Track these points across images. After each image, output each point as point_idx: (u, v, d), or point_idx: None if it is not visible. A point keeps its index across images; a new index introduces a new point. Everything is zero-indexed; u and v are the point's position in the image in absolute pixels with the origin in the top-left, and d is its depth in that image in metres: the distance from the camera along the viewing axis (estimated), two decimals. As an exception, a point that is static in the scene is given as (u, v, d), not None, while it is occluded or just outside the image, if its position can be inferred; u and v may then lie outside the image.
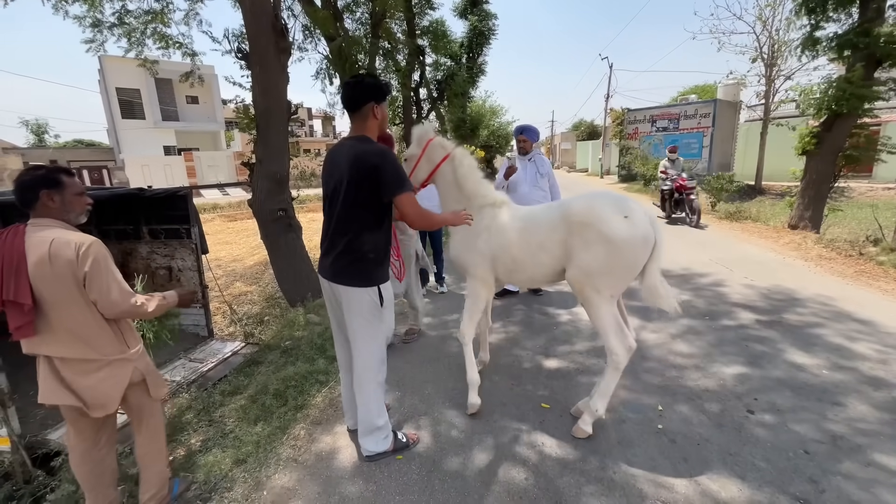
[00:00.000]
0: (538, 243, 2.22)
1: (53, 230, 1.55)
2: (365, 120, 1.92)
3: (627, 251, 2.01)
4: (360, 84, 1.93)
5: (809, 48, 7.34)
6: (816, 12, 7.12)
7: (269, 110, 4.55)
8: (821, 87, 7.30)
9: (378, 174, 1.80)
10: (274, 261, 5.23)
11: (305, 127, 47.97)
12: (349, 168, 1.83)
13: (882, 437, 2.09)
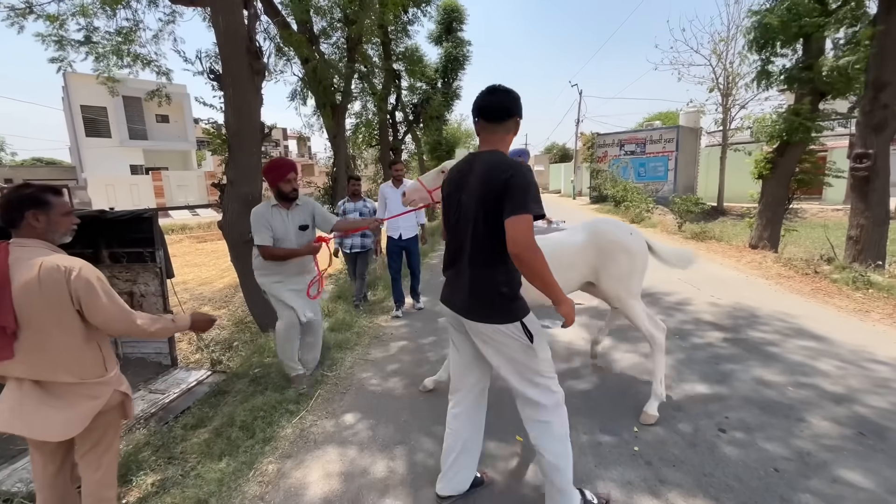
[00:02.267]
0: (568, 264, 2.59)
1: (39, 251, 1.50)
2: (506, 134, 1.72)
3: (641, 257, 2.59)
4: (511, 93, 1.71)
5: (763, 81, 7.89)
6: (766, 49, 7.69)
7: (242, 131, 4.48)
8: (772, 116, 7.82)
9: (506, 190, 1.56)
10: (244, 284, 5.06)
11: (280, 147, 47.59)
12: (486, 187, 1.60)
13: (845, 453, 2.16)
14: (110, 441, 1.69)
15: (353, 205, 5.17)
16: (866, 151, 5.23)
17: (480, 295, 1.69)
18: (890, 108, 5.11)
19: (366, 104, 11.70)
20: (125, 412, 1.71)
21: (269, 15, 6.67)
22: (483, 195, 1.61)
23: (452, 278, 1.81)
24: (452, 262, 1.79)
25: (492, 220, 1.59)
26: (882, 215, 5.43)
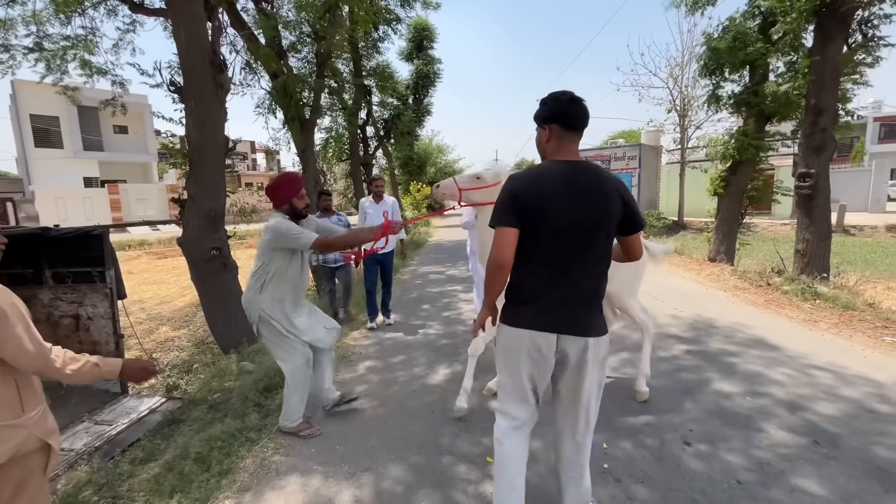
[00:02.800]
0: None
1: None
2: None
3: (643, 265, 3.02)
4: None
5: (713, 104, 8.39)
6: (715, 74, 8.20)
7: (204, 146, 4.34)
8: (724, 137, 8.30)
9: (625, 204, 1.58)
10: (206, 303, 4.85)
11: (248, 160, 46.48)
12: (610, 199, 1.56)
13: (801, 461, 2.24)
14: (37, 487, 1.42)
15: (329, 220, 5.09)
16: (808, 171, 5.63)
17: (598, 307, 1.65)
18: (828, 131, 5.54)
19: (336, 119, 11.64)
20: (46, 464, 1.43)
21: (236, 28, 6.57)
22: (607, 208, 1.56)
23: (561, 296, 1.59)
24: (561, 277, 1.58)
25: (610, 232, 1.60)
26: (825, 230, 5.82)
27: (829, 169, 5.70)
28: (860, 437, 2.44)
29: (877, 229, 16.25)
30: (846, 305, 4.86)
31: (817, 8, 5.29)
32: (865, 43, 5.39)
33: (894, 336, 4.03)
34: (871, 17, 5.32)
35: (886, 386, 3.04)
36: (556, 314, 1.59)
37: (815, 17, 5.43)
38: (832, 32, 5.31)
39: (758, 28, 7.44)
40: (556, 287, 1.59)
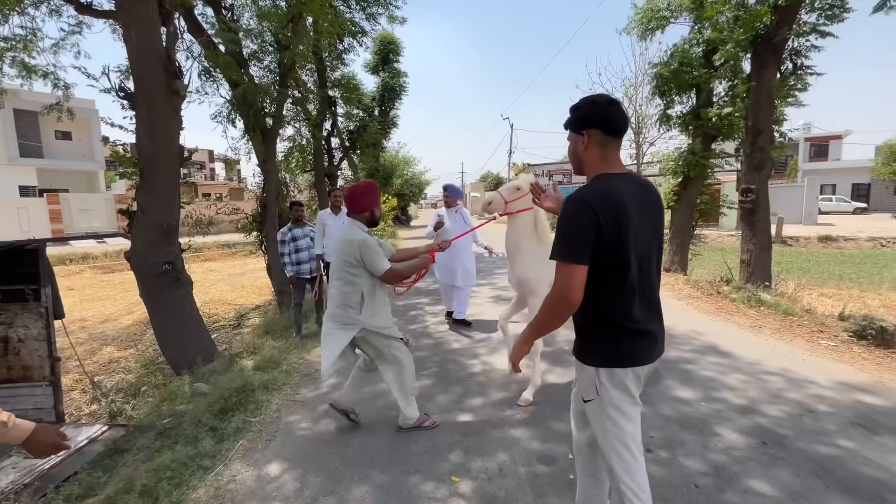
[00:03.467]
0: None
1: None
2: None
3: None
4: None
5: (664, 123, 8.91)
6: (666, 95, 8.74)
7: (157, 155, 4.13)
8: (675, 154, 8.82)
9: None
10: (156, 321, 4.56)
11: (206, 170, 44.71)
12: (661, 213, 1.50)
13: (752, 463, 2.35)
14: None
15: (301, 230, 4.98)
16: (750, 187, 6.06)
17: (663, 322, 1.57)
18: (766, 150, 6.01)
19: (300, 129, 11.43)
20: None
21: (193, 34, 6.34)
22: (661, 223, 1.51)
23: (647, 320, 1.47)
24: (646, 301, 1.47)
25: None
26: (766, 241, 6.27)
27: (767, 185, 6.16)
28: (804, 436, 2.60)
29: (810, 240, 17.67)
30: (786, 311, 5.22)
31: (753, 38, 5.77)
32: (795, 71, 5.94)
33: (829, 340, 4.35)
34: (800, 48, 5.88)
35: (825, 386, 3.27)
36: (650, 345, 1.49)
37: (751, 47, 5.91)
38: (766, 61, 5.81)
39: (702, 54, 8.01)
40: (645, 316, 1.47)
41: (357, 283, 2.56)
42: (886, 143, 28.43)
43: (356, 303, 2.57)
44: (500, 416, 3.00)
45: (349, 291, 2.57)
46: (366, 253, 2.51)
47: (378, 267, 2.53)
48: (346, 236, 2.59)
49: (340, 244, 2.60)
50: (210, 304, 10.01)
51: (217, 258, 20.86)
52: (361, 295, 2.56)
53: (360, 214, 2.67)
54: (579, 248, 1.37)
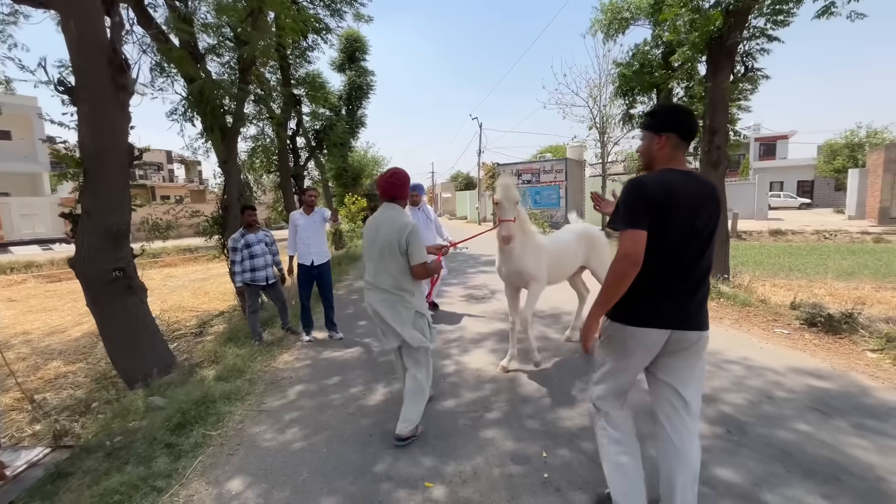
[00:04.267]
0: (573, 252, 3.96)
1: None
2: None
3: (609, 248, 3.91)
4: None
5: (627, 122, 9.17)
6: (628, 95, 9.00)
7: (103, 154, 3.85)
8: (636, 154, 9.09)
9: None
10: (106, 332, 4.26)
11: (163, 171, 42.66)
12: (717, 204, 1.73)
13: (717, 451, 2.42)
14: None
15: (255, 236, 4.74)
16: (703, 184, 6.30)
17: (706, 304, 1.81)
18: (722, 149, 6.27)
19: (263, 128, 11.04)
20: None
21: (143, 26, 5.98)
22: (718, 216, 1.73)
23: (686, 294, 1.72)
24: (685, 278, 1.71)
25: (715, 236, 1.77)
26: (723, 236, 6.54)
27: (724, 182, 6.44)
28: (764, 422, 2.70)
29: (762, 234, 18.69)
30: (744, 302, 5.46)
31: (708, 41, 6.01)
32: (746, 73, 6.24)
33: (783, 328, 4.58)
34: (751, 51, 6.18)
35: (781, 373, 3.42)
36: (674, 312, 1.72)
37: (706, 49, 6.16)
38: (721, 63, 6.07)
39: (661, 56, 8.29)
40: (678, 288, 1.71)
41: (406, 268, 2.56)
42: (827, 142, 30.51)
43: (409, 285, 2.58)
44: (473, 417, 2.96)
45: (401, 274, 2.55)
46: (415, 239, 2.50)
47: (420, 256, 2.52)
48: (398, 220, 2.54)
49: (393, 225, 2.52)
50: (170, 312, 9.51)
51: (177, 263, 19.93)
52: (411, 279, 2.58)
53: (402, 199, 2.68)
54: (637, 216, 1.64)
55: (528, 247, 3.49)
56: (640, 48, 8.42)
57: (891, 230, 18.00)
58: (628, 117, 9.03)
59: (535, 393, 3.26)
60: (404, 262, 2.53)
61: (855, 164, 26.64)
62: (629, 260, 1.63)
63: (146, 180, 37.65)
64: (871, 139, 27.84)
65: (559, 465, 2.37)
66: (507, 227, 3.25)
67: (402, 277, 2.54)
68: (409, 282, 2.57)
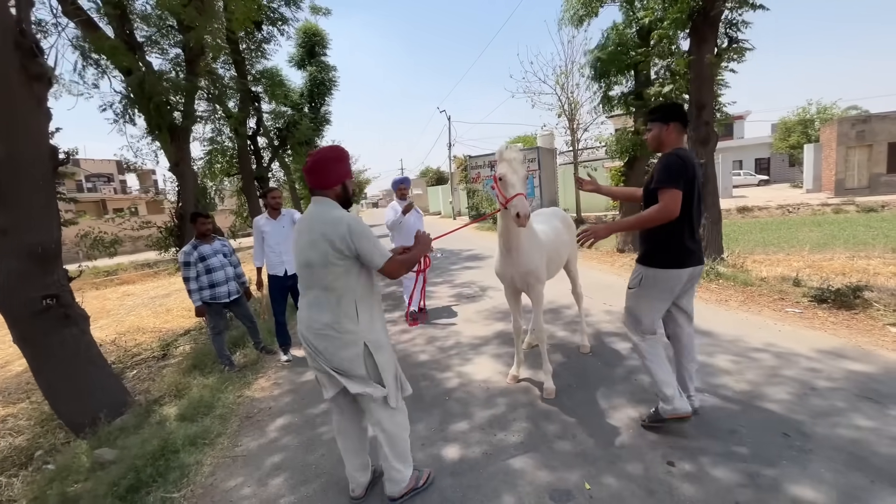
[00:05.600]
0: (565, 241, 3.52)
1: None
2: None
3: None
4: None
5: (606, 105, 8.92)
6: (604, 78, 8.74)
7: (15, 159, 3.16)
8: (618, 136, 8.87)
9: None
10: (40, 371, 3.60)
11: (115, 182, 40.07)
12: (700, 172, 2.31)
13: (784, 463, 2.08)
14: None
15: (211, 247, 4.11)
16: (698, 161, 6.10)
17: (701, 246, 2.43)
18: (710, 124, 6.07)
19: (220, 128, 10.19)
20: None
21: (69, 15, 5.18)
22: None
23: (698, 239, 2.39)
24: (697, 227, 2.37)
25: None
26: (716, 215, 6.38)
27: (713, 159, 6.25)
28: (820, 420, 2.40)
29: (731, 212, 19.13)
30: (745, 282, 5.28)
31: (691, 13, 5.77)
32: (730, 45, 6.05)
33: (793, 306, 4.38)
34: (735, 21, 5.99)
35: (812, 358, 3.17)
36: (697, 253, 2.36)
37: (689, 22, 5.93)
38: (705, 34, 5.84)
39: (636, 35, 8.06)
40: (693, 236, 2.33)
41: (347, 283, 1.85)
42: (781, 120, 31.77)
43: (350, 311, 1.86)
44: (492, 441, 2.53)
45: (338, 295, 1.85)
46: (359, 238, 1.81)
47: (378, 255, 1.86)
48: (324, 219, 1.82)
49: (319, 230, 1.81)
50: (128, 335, 8.63)
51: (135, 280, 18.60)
52: (354, 300, 1.87)
53: (329, 189, 1.91)
54: (678, 179, 2.17)
55: (533, 243, 2.98)
56: (615, 26, 8.15)
57: (847, 201, 18.81)
58: (607, 99, 8.77)
59: (557, 406, 2.87)
60: (343, 272, 1.83)
61: (808, 139, 27.81)
62: (669, 212, 2.17)
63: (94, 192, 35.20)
64: (822, 115, 29.16)
65: (608, 497, 1.98)
66: (523, 202, 2.60)
67: (338, 301, 1.84)
68: (351, 303, 1.86)
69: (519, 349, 3.31)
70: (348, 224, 1.79)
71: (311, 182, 1.91)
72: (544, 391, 2.98)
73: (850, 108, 30.63)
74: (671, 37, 6.61)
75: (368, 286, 1.92)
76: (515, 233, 2.84)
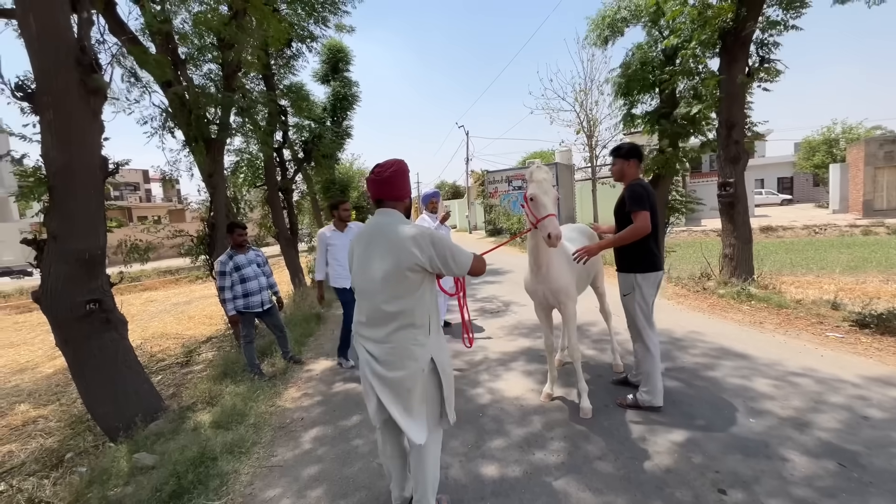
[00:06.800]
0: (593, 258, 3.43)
1: None
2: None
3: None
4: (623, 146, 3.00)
5: (629, 123, 8.92)
6: (628, 96, 8.75)
7: (71, 168, 3.31)
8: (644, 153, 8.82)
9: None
10: (80, 375, 3.68)
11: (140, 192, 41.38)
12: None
13: (843, 494, 2.00)
14: None
15: (245, 257, 4.20)
16: (728, 180, 6.04)
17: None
18: (740, 143, 6.02)
19: (248, 141, 10.49)
20: None
21: (116, 33, 5.45)
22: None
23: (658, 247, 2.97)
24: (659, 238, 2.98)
25: None
26: (747, 235, 6.27)
27: (744, 178, 6.18)
28: (876, 452, 2.30)
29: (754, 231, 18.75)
30: (779, 304, 5.14)
31: (721, 33, 5.78)
32: (762, 64, 6.03)
33: (833, 331, 4.25)
34: (766, 41, 5.98)
35: (860, 386, 3.06)
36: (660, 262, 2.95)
37: (719, 42, 5.93)
38: (736, 54, 5.83)
39: (661, 53, 8.08)
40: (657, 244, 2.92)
41: (420, 294, 1.80)
42: (805, 139, 31.24)
43: (422, 321, 1.81)
44: (531, 460, 2.49)
45: (411, 304, 1.78)
46: (441, 244, 1.77)
47: (464, 256, 1.82)
48: (400, 230, 1.78)
49: (396, 241, 1.76)
50: (151, 341, 8.82)
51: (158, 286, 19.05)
52: (428, 313, 1.82)
53: (400, 202, 1.90)
54: (645, 203, 2.78)
55: (563, 260, 2.99)
56: (639, 46, 8.19)
57: (877, 222, 18.27)
58: (630, 117, 8.76)
59: (594, 425, 2.81)
60: (418, 284, 1.79)
61: (833, 159, 27.25)
62: (644, 228, 2.76)
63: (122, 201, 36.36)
64: (847, 135, 28.59)
65: (658, 526, 1.92)
66: (554, 223, 2.59)
67: (414, 306, 1.80)
68: (423, 313, 1.81)
69: (552, 366, 3.27)
70: (430, 235, 1.78)
71: (384, 193, 1.88)
72: (581, 410, 2.93)
73: (875, 127, 30.00)
74: (699, 56, 6.62)
75: (435, 301, 1.90)
76: (545, 251, 2.84)
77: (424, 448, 1.85)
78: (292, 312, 6.80)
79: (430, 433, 1.84)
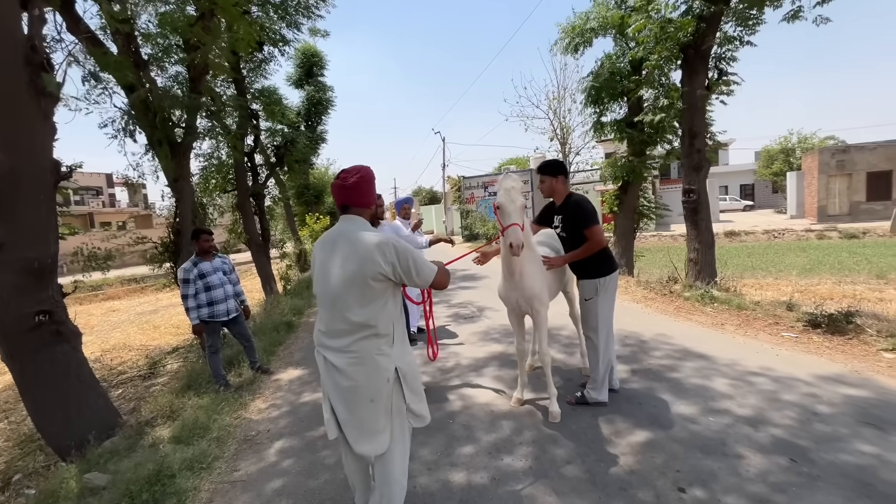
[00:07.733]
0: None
1: None
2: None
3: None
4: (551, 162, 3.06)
5: (598, 131, 9.17)
6: (597, 104, 9.01)
7: (18, 172, 3.14)
8: (613, 161, 9.09)
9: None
10: (28, 390, 3.48)
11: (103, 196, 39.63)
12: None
13: (794, 489, 2.09)
14: None
15: (211, 265, 4.07)
16: (691, 187, 6.29)
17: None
18: (702, 152, 6.28)
19: (217, 145, 10.22)
20: None
21: (74, 31, 5.23)
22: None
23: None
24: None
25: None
26: (710, 239, 6.52)
27: (706, 185, 6.45)
28: (824, 446, 2.42)
29: (718, 236, 19.52)
30: (740, 306, 5.35)
31: (683, 47, 6.04)
32: (720, 78, 6.33)
33: (788, 331, 4.45)
34: (724, 55, 6.28)
35: (812, 383, 3.21)
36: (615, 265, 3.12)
37: (681, 55, 6.19)
38: (696, 66, 6.10)
39: (629, 64, 8.36)
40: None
41: (384, 303, 1.77)
42: (765, 148, 32.89)
43: (386, 330, 1.77)
44: (499, 466, 2.49)
45: (374, 313, 1.74)
46: (406, 257, 1.75)
47: (428, 268, 1.81)
48: (364, 238, 1.74)
49: (359, 249, 1.72)
50: (112, 353, 8.43)
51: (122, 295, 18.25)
52: (392, 321, 1.79)
53: (366, 208, 1.88)
54: (596, 216, 2.93)
55: (535, 268, 2.97)
56: (608, 56, 8.46)
57: (830, 227, 19.36)
58: (599, 125, 9.02)
59: (562, 428, 2.85)
60: (381, 292, 1.75)
61: (790, 167, 28.76)
62: (602, 241, 2.93)
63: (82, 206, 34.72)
64: (803, 144, 30.27)
65: (620, 526, 1.95)
66: (516, 233, 2.62)
67: (377, 315, 1.74)
68: (387, 322, 1.77)
69: (523, 372, 3.30)
70: (394, 244, 1.74)
71: (352, 199, 1.84)
72: (549, 415, 2.96)
73: (828, 138, 31.88)
74: (662, 68, 6.88)
75: (400, 310, 1.87)
76: (518, 258, 2.82)
77: (389, 460, 1.80)
78: (262, 321, 6.62)
79: (395, 444, 1.80)
